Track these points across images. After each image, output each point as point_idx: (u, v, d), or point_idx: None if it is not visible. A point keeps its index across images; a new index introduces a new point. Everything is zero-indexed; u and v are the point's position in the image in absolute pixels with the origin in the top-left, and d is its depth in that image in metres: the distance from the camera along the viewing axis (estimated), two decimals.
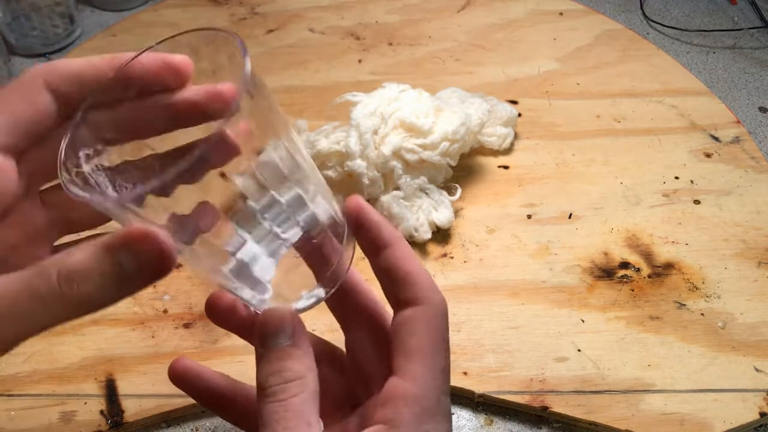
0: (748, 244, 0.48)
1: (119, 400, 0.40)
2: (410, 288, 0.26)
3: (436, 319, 0.26)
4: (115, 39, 0.68)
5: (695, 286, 0.46)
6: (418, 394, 0.25)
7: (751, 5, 0.73)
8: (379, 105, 0.48)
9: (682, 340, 0.43)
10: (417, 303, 0.26)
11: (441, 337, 0.26)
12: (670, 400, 0.40)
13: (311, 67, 0.64)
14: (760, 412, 0.39)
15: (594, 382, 0.41)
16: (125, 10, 0.74)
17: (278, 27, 0.69)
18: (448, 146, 0.48)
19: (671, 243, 0.49)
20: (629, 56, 0.65)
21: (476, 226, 0.50)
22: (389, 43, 0.67)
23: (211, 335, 0.43)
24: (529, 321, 0.44)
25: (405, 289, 0.26)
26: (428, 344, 0.26)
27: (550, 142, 0.56)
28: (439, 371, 0.25)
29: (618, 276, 0.47)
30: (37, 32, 0.68)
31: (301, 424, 0.24)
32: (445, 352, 0.26)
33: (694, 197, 0.52)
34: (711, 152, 0.55)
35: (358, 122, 0.47)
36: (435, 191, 0.49)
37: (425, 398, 0.25)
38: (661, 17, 0.73)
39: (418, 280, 0.26)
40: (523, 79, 0.63)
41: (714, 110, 0.59)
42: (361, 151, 0.46)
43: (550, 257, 0.48)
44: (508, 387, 0.41)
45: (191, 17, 0.70)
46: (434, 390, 0.25)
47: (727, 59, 0.68)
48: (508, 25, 0.69)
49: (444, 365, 0.26)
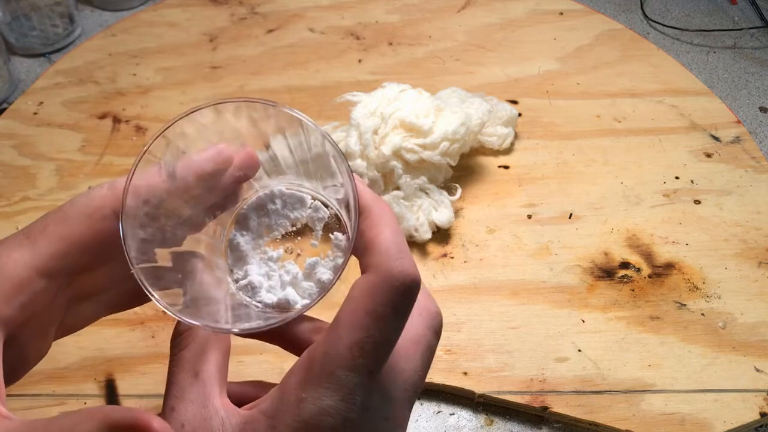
0: (749, 244, 0.48)
1: (119, 400, 0.40)
2: (367, 254, 0.24)
3: (373, 290, 0.23)
4: (115, 39, 0.68)
5: (695, 286, 0.46)
6: (308, 359, 0.23)
7: (751, 5, 0.73)
8: (379, 105, 0.48)
9: (682, 340, 0.43)
10: (365, 270, 0.24)
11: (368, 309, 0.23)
12: (670, 400, 0.40)
13: (311, 67, 0.64)
14: (760, 412, 0.39)
15: (594, 382, 0.41)
16: (125, 10, 0.74)
17: (278, 27, 0.69)
18: (448, 146, 0.48)
19: (671, 243, 0.49)
20: (629, 56, 0.65)
21: (476, 226, 0.50)
22: (389, 43, 0.67)
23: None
24: (529, 321, 0.44)
25: (364, 256, 0.24)
26: (349, 313, 0.23)
27: (551, 142, 0.56)
28: (347, 345, 0.22)
29: (618, 276, 0.47)
30: (37, 32, 0.68)
31: (185, 376, 0.24)
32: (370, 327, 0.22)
33: (695, 197, 0.52)
34: (711, 152, 0.55)
35: (358, 122, 0.46)
36: (435, 191, 0.49)
37: (315, 365, 0.22)
38: (661, 17, 0.73)
39: (377, 249, 0.23)
40: (523, 79, 0.63)
41: (714, 110, 0.59)
42: (361, 151, 0.46)
43: (550, 257, 0.48)
44: (509, 387, 0.41)
45: (191, 17, 0.70)
46: (331, 361, 0.22)
47: (727, 59, 0.68)
48: (508, 25, 0.69)
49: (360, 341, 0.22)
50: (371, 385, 0.23)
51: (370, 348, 0.23)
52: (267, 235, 0.28)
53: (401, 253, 0.23)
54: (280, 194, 0.28)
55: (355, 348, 0.22)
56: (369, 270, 0.23)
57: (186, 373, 0.24)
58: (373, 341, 0.23)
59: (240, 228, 0.28)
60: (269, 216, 0.28)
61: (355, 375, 0.22)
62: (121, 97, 0.61)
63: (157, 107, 0.60)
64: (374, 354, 0.23)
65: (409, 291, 0.23)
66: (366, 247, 0.24)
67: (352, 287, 0.24)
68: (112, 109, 0.60)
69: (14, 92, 0.64)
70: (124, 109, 0.60)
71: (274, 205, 0.28)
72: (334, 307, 0.24)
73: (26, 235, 0.24)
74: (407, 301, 0.23)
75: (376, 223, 0.24)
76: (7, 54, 0.64)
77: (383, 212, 0.25)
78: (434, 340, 0.27)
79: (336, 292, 0.24)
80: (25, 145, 0.57)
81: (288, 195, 0.28)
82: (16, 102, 0.61)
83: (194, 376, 0.24)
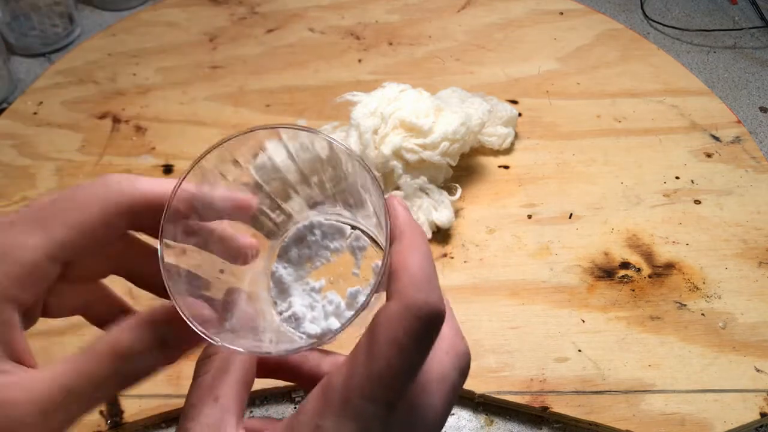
0: (749, 244, 0.48)
1: (119, 400, 0.40)
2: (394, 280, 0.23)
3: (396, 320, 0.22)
4: (115, 39, 0.68)
5: (696, 286, 0.46)
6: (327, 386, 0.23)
7: (751, 5, 0.73)
8: (379, 105, 0.48)
9: (682, 340, 0.43)
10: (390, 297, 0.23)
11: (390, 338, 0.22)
12: (670, 401, 0.40)
13: (311, 66, 0.64)
14: (760, 413, 0.39)
15: (594, 383, 0.41)
16: (125, 10, 0.74)
17: (278, 27, 0.69)
18: (448, 146, 0.48)
19: (672, 243, 0.48)
20: (629, 56, 0.65)
21: (476, 226, 0.50)
22: (389, 42, 0.67)
23: None
24: (529, 321, 0.44)
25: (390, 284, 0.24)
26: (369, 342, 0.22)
27: (551, 142, 0.56)
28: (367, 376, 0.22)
29: (618, 276, 0.47)
30: (37, 32, 0.68)
31: (205, 399, 0.24)
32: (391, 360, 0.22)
33: (695, 197, 0.52)
34: (711, 152, 0.55)
35: (358, 122, 0.46)
36: (435, 191, 0.49)
37: (333, 392, 0.22)
38: (661, 17, 0.73)
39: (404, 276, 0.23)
40: (524, 79, 0.63)
41: (714, 110, 0.59)
42: (361, 151, 0.46)
43: (550, 257, 0.48)
44: (509, 387, 0.41)
45: (191, 17, 0.70)
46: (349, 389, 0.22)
47: (727, 59, 0.68)
48: (508, 25, 0.69)
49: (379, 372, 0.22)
50: (389, 417, 0.23)
51: (390, 378, 0.22)
52: (309, 267, 0.28)
53: (429, 283, 0.23)
54: (319, 225, 0.28)
55: (374, 377, 0.22)
56: (393, 298, 0.23)
57: (206, 396, 0.24)
58: (393, 372, 0.22)
59: (281, 261, 0.28)
60: (310, 247, 0.28)
61: (373, 405, 0.22)
62: (121, 97, 0.61)
63: (157, 107, 0.60)
64: (393, 385, 0.22)
65: (432, 323, 0.23)
66: (393, 273, 0.23)
67: (375, 316, 0.23)
68: (112, 109, 0.60)
69: (14, 92, 0.64)
70: (124, 109, 0.60)
71: (313, 236, 0.28)
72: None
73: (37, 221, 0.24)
74: (430, 333, 0.23)
75: (406, 250, 0.24)
76: (6, 54, 0.64)
77: (415, 238, 0.24)
78: (460, 381, 0.26)
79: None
80: (25, 145, 0.57)
81: (327, 225, 0.28)
82: (16, 102, 0.61)
83: (214, 400, 0.24)
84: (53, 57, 0.68)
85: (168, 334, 0.23)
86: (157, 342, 0.23)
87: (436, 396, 0.25)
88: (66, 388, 0.22)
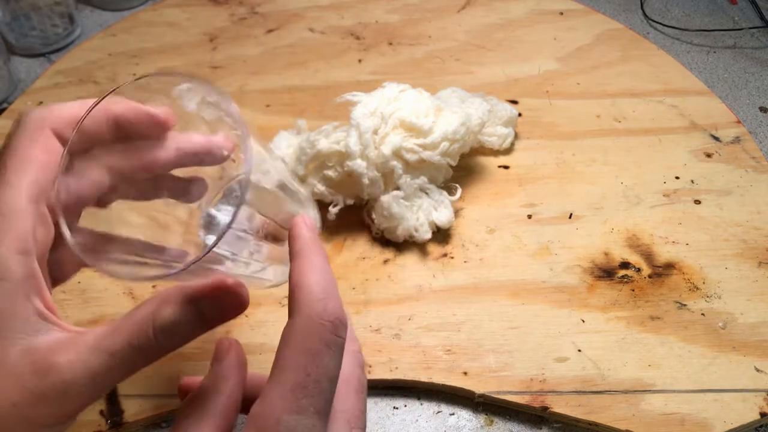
0: (749, 244, 0.48)
1: (119, 400, 0.40)
2: (292, 299, 0.24)
3: (300, 330, 0.23)
4: (115, 39, 0.68)
5: (695, 286, 0.46)
6: (256, 413, 0.23)
7: (751, 5, 0.73)
8: (379, 105, 0.48)
9: (682, 340, 0.43)
10: (291, 315, 0.24)
11: (303, 349, 0.23)
12: (670, 400, 0.40)
13: (311, 67, 0.64)
14: (760, 413, 0.39)
15: (594, 383, 0.41)
16: (125, 10, 0.74)
17: (278, 27, 0.69)
18: (448, 146, 0.48)
19: (671, 243, 0.49)
20: (629, 56, 0.65)
21: (476, 226, 0.50)
22: (389, 43, 0.67)
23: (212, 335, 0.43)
24: (529, 321, 0.44)
25: (290, 300, 0.25)
26: (284, 358, 0.23)
27: (551, 142, 0.56)
28: (289, 389, 0.22)
29: (618, 276, 0.47)
30: (37, 32, 0.68)
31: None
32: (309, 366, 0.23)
33: (695, 197, 0.52)
34: (711, 152, 0.55)
35: (358, 122, 0.46)
36: (435, 191, 0.49)
37: (261, 418, 0.22)
38: (661, 17, 0.73)
39: (299, 291, 0.24)
40: (523, 79, 0.63)
41: (714, 110, 0.59)
42: (361, 151, 0.46)
43: (550, 257, 0.48)
44: (508, 387, 0.41)
45: (191, 17, 0.70)
46: (276, 409, 0.22)
47: (727, 59, 0.68)
48: (508, 25, 0.69)
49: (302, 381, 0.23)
50: (322, 427, 0.23)
51: (313, 387, 0.23)
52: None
53: (325, 293, 0.24)
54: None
55: (298, 390, 0.22)
56: (294, 314, 0.24)
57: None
58: (314, 379, 0.23)
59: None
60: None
61: (303, 417, 0.22)
62: None
63: None
64: (318, 393, 0.23)
65: (336, 328, 0.24)
66: (291, 293, 0.25)
67: (282, 335, 0.24)
68: None
69: (14, 92, 0.64)
70: None
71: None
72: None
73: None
74: (337, 338, 0.24)
75: (302, 269, 0.25)
76: (7, 54, 0.64)
77: (311, 257, 0.25)
78: (364, 377, 0.28)
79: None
80: None
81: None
82: (16, 102, 0.61)
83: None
84: (53, 57, 0.68)
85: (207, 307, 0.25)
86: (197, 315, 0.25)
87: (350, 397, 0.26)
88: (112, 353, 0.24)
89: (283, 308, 0.44)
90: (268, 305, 0.44)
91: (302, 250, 0.26)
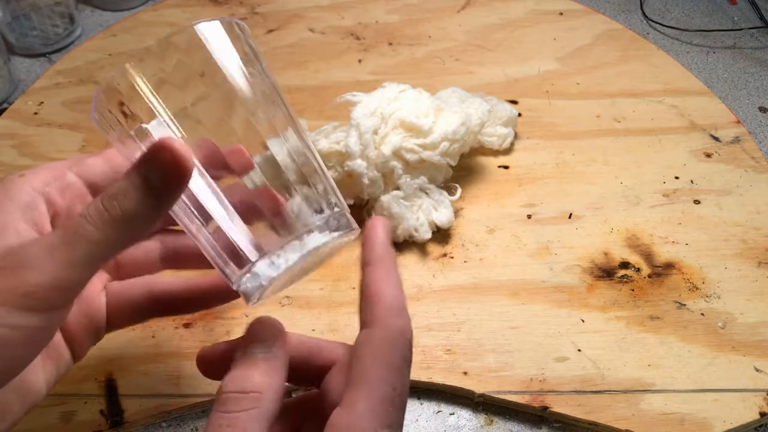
0: (748, 244, 0.48)
1: (119, 399, 0.40)
2: (370, 309, 0.25)
3: (385, 343, 0.24)
4: (115, 39, 0.68)
5: (695, 286, 0.46)
6: (349, 423, 0.23)
7: (751, 5, 0.73)
8: (379, 105, 0.48)
9: (682, 340, 0.43)
10: (371, 325, 0.25)
11: (389, 363, 0.24)
12: (670, 400, 0.40)
13: (311, 67, 0.64)
14: (760, 412, 0.39)
15: (594, 382, 0.41)
16: (125, 10, 0.74)
17: (278, 27, 0.69)
18: (448, 146, 0.48)
19: (671, 243, 0.49)
20: (629, 56, 0.65)
21: (476, 226, 0.50)
22: (389, 43, 0.67)
23: (212, 335, 0.43)
24: (529, 321, 0.44)
25: (366, 309, 0.25)
26: (372, 370, 0.24)
27: (550, 142, 0.56)
28: (379, 401, 0.23)
29: (618, 276, 0.47)
30: (37, 32, 0.68)
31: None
32: (395, 381, 0.24)
33: (694, 197, 0.52)
34: (711, 152, 0.55)
35: (358, 122, 0.46)
36: (435, 191, 0.49)
37: (355, 427, 0.23)
38: (661, 17, 0.73)
39: (380, 302, 0.25)
40: (523, 79, 0.63)
41: (714, 110, 0.59)
42: (361, 151, 0.46)
43: (550, 257, 0.48)
44: (508, 387, 0.41)
45: (191, 17, 0.70)
46: (370, 420, 0.23)
47: (727, 59, 0.68)
48: (508, 25, 0.69)
49: (389, 395, 0.23)
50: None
51: (398, 401, 0.24)
52: None
53: (404, 309, 0.25)
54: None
55: (387, 403, 0.23)
56: (375, 325, 0.25)
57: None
58: (399, 393, 0.24)
59: None
60: None
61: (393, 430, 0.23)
62: None
63: None
64: (402, 407, 0.24)
65: (411, 345, 0.25)
66: (372, 300, 0.25)
67: (358, 343, 0.25)
68: None
69: (14, 92, 0.64)
70: None
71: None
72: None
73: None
74: (411, 354, 0.25)
75: (384, 278, 0.26)
76: (7, 54, 0.64)
77: (391, 265, 0.26)
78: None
79: None
80: (26, 145, 0.57)
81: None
82: (17, 102, 0.61)
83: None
84: (54, 57, 0.68)
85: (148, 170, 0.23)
86: (139, 180, 0.23)
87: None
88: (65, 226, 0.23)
89: (284, 308, 0.44)
90: (269, 305, 0.44)
91: (382, 258, 0.26)
